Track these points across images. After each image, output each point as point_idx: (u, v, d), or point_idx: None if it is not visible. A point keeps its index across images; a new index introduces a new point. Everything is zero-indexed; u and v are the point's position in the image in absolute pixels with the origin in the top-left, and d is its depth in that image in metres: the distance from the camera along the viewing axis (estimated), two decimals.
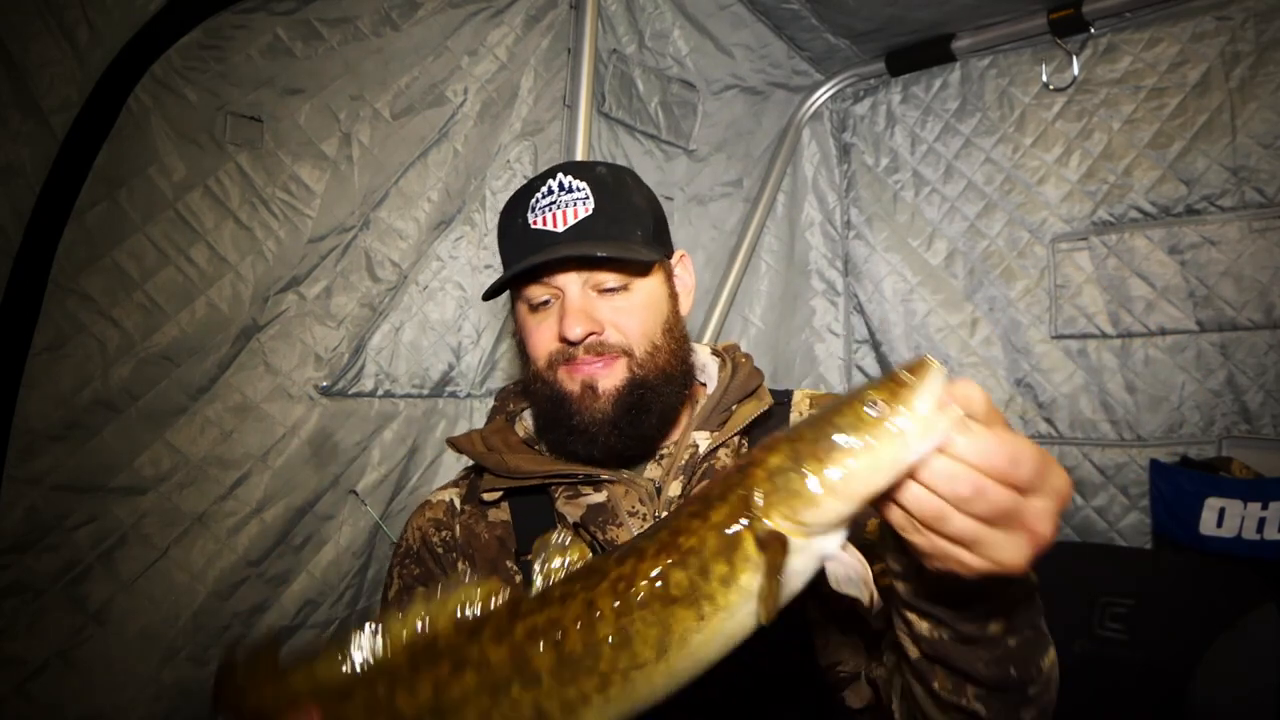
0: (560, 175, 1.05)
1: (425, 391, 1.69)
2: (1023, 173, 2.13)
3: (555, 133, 1.86)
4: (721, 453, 1.08)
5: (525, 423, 1.17)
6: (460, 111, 1.67)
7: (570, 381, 1.03)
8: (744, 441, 1.11)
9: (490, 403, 1.80)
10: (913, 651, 0.78)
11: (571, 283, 1.02)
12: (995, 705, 0.77)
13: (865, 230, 2.46)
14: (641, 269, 1.05)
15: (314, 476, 1.52)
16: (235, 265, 1.39)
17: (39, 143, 1.15)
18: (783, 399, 1.16)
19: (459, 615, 0.61)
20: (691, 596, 0.58)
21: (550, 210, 1.03)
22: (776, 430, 1.11)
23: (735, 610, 0.59)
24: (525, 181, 1.11)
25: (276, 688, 0.63)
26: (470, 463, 1.17)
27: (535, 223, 1.03)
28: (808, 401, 1.17)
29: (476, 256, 1.75)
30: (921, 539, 0.62)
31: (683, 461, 1.06)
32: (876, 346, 2.48)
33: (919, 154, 2.33)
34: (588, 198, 1.03)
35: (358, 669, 0.61)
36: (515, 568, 1.05)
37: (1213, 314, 1.86)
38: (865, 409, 0.58)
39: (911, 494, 0.60)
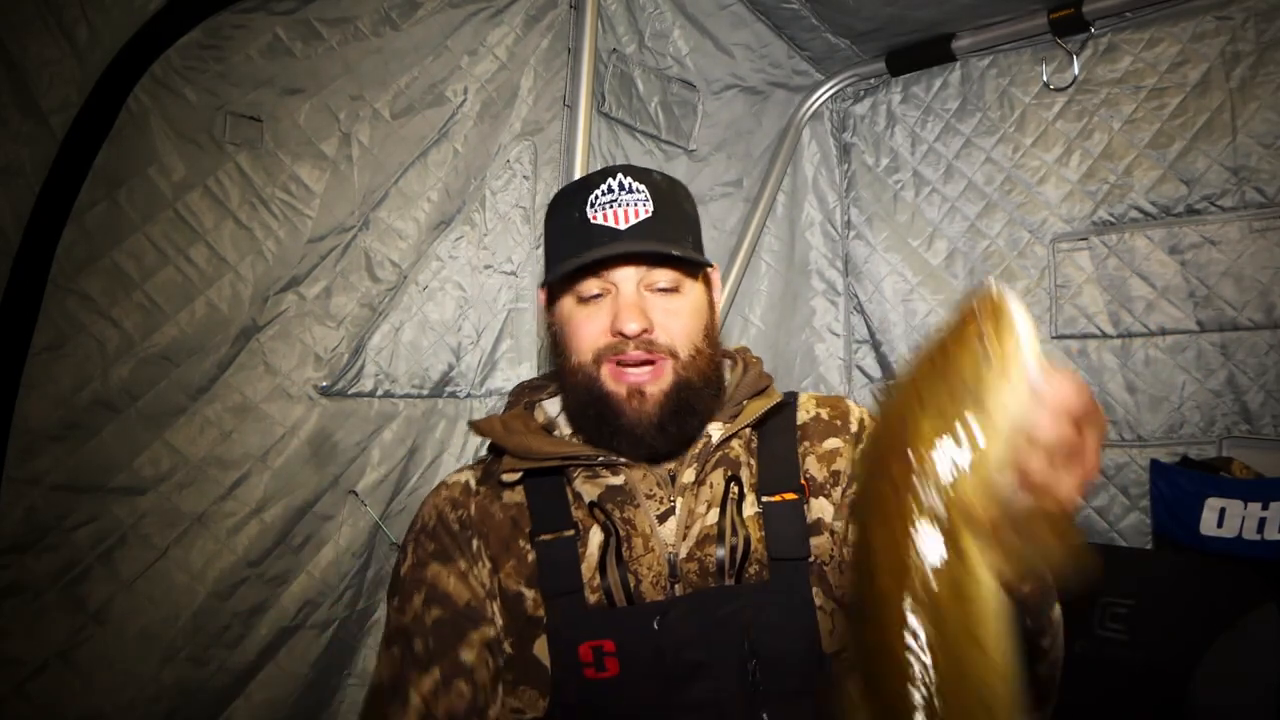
0: (620, 175, 1.09)
1: (425, 392, 1.69)
2: (1023, 173, 2.13)
3: (555, 133, 1.85)
4: (734, 443, 1.12)
5: (545, 410, 1.20)
6: (460, 111, 1.67)
7: (616, 384, 1.05)
8: (754, 435, 1.15)
9: (490, 403, 1.81)
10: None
11: (628, 279, 1.05)
12: None
13: (865, 230, 2.46)
14: (692, 274, 1.09)
15: (314, 476, 1.51)
16: (235, 265, 1.39)
17: (38, 143, 1.15)
18: (790, 399, 1.19)
19: None
20: (973, 626, 0.56)
21: (612, 207, 1.06)
22: (785, 424, 1.15)
23: (997, 594, 0.57)
24: (581, 177, 1.14)
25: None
26: (483, 455, 1.19)
27: (595, 218, 1.06)
28: (814, 401, 1.21)
29: (476, 256, 1.75)
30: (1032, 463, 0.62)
31: (697, 450, 1.10)
32: (876, 346, 2.48)
33: (919, 154, 2.33)
34: (648, 200, 1.07)
35: None
36: (528, 546, 1.07)
37: (1213, 314, 1.86)
38: (980, 355, 0.56)
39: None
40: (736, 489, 1.08)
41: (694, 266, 1.10)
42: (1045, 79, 2.07)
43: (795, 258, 2.51)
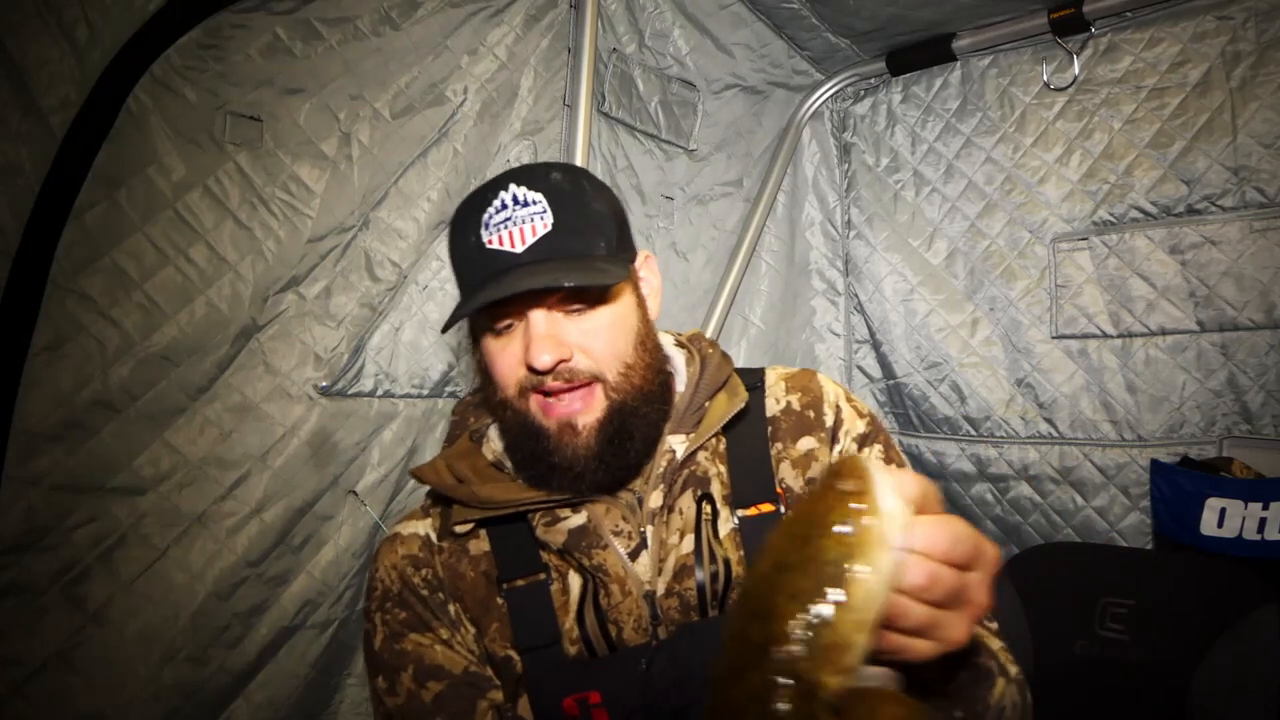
0: (512, 186, 0.97)
1: (425, 391, 1.69)
2: (1023, 172, 2.13)
3: (555, 132, 1.85)
4: (700, 456, 1.04)
5: (493, 444, 1.09)
6: (460, 111, 1.67)
7: (545, 418, 0.97)
8: (720, 440, 1.06)
9: None
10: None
11: (536, 308, 0.95)
12: None
13: (865, 230, 2.46)
14: (607, 285, 0.98)
15: (313, 476, 1.51)
16: (235, 265, 1.39)
17: (38, 143, 1.15)
18: (755, 381, 1.11)
19: None
20: None
21: (506, 227, 0.95)
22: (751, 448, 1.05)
23: None
24: (474, 191, 1.02)
25: None
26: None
27: (490, 241, 0.95)
28: (783, 385, 1.11)
29: None
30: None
31: (661, 469, 1.02)
32: (877, 346, 2.48)
33: (919, 154, 2.33)
34: (545, 211, 0.95)
35: None
36: (502, 600, 1.01)
37: (1213, 314, 1.86)
38: (842, 534, 0.56)
39: None
40: (709, 508, 1.01)
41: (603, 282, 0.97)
42: (1045, 79, 2.07)
43: (795, 258, 2.51)
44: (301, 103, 1.44)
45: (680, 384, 1.10)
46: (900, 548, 0.57)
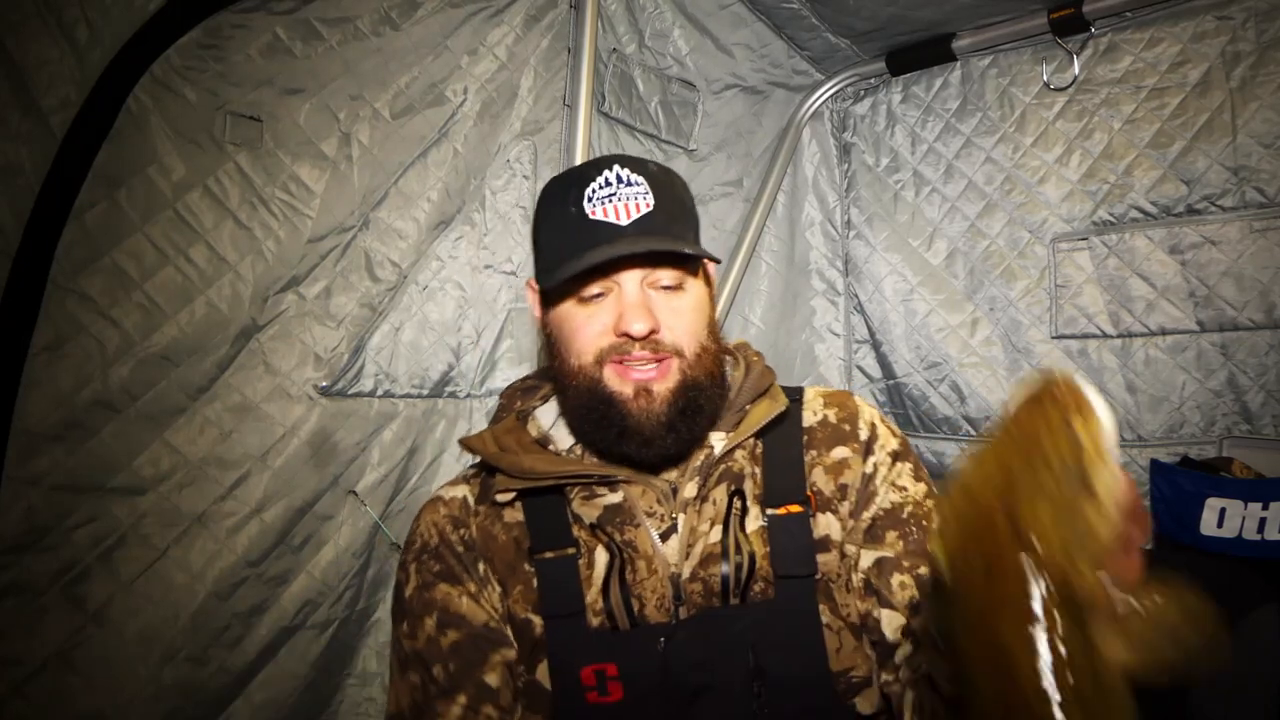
0: (616, 167, 1.03)
1: (425, 392, 1.69)
2: (1023, 172, 2.13)
3: (555, 132, 1.85)
4: (738, 454, 1.07)
5: (537, 422, 1.15)
6: (460, 111, 1.67)
7: (621, 383, 1.00)
8: (758, 443, 1.10)
9: (490, 403, 1.81)
10: (946, 689, 0.77)
11: (631, 278, 1.00)
12: None
13: (865, 230, 2.46)
14: (693, 269, 1.05)
15: (313, 476, 1.51)
16: (235, 265, 1.39)
17: (38, 142, 1.15)
18: (795, 396, 1.15)
19: None
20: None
21: (611, 202, 1.00)
22: (815, 438, 1.10)
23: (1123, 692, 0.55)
24: (573, 168, 1.09)
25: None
26: (476, 460, 1.15)
27: (594, 213, 1.00)
28: (820, 400, 1.15)
29: (476, 256, 1.75)
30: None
31: (699, 462, 1.06)
32: (876, 346, 2.48)
33: (919, 154, 2.33)
34: (648, 193, 1.01)
35: None
36: (531, 568, 1.04)
37: (1213, 314, 1.86)
38: (1074, 440, 0.56)
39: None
40: (740, 503, 1.04)
41: (698, 262, 1.06)
42: (1045, 79, 2.07)
43: (795, 258, 2.51)
44: (301, 103, 1.44)
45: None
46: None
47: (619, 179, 1.02)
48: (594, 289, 1.02)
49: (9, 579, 1.18)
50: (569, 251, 1.01)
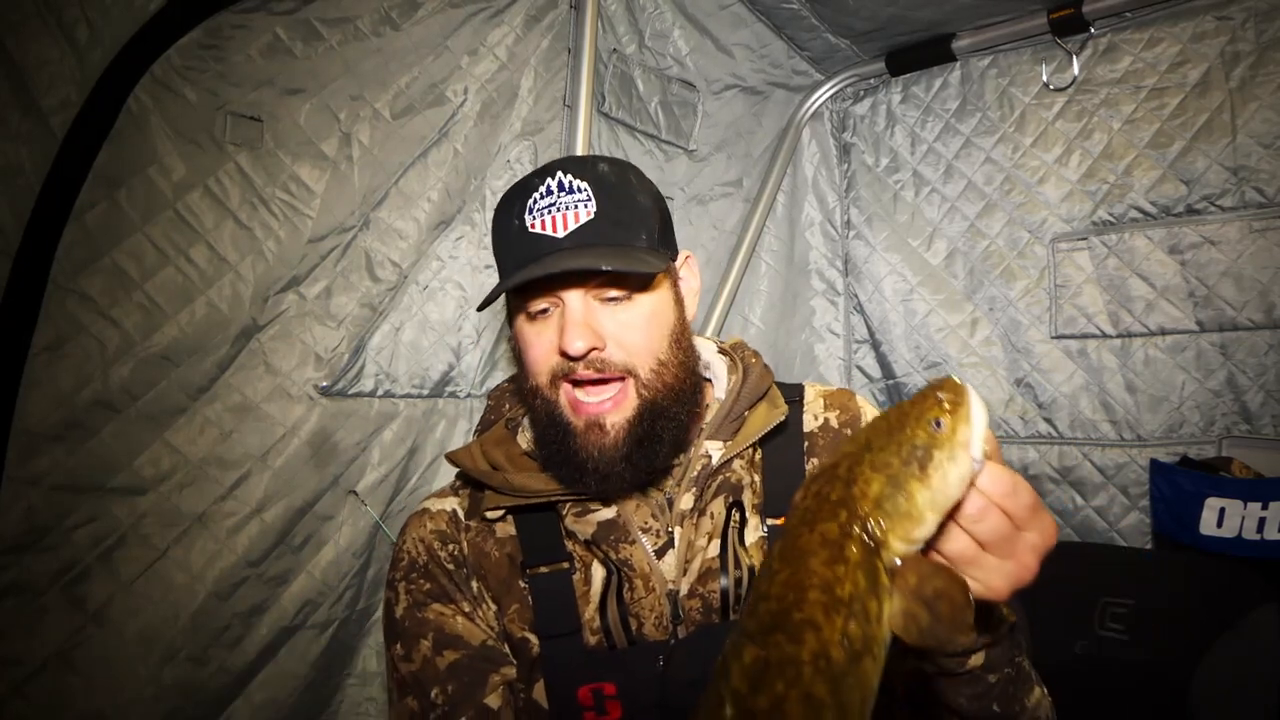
0: (559, 174, 0.98)
1: (425, 391, 1.69)
2: (1023, 173, 2.13)
3: (555, 133, 1.85)
4: (736, 464, 1.04)
5: (528, 432, 1.10)
6: (460, 111, 1.67)
7: (573, 415, 0.96)
8: (756, 450, 1.06)
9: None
10: (899, 688, 0.79)
11: (573, 293, 0.95)
12: None
13: (865, 230, 2.46)
14: (644, 280, 0.98)
15: (314, 476, 1.51)
16: (235, 265, 1.39)
17: (38, 143, 1.15)
18: (794, 396, 1.10)
19: None
20: (868, 645, 0.59)
21: (550, 213, 0.95)
22: (796, 444, 1.07)
23: (886, 643, 0.61)
24: (523, 177, 1.03)
25: None
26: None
27: (534, 225, 0.96)
28: (821, 401, 1.12)
29: (476, 256, 1.75)
30: None
31: (695, 473, 1.02)
32: (876, 346, 2.48)
33: (919, 154, 2.33)
34: (589, 199, 0.96)
35: None
36: (525, 585, 1.02)
37: (1213, 314, 1.86)
38: (933, 429, 0.62)
39: None
40: (738, 516, 1.01)
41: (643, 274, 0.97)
42: (1045, 79, 2.07)
43: (795, 258, 2.51)
44: (302, 103, 1.44)
45: (720, 391, 1.09)
46: (980, 464, 0.62)
47: (560, 186, 0.97)
48: (539, 304, 0.97)
49: (9, 579, 1.18)
50: (508, 266, 0.99)
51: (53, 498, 1.21)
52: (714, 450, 1.04)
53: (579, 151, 1.83)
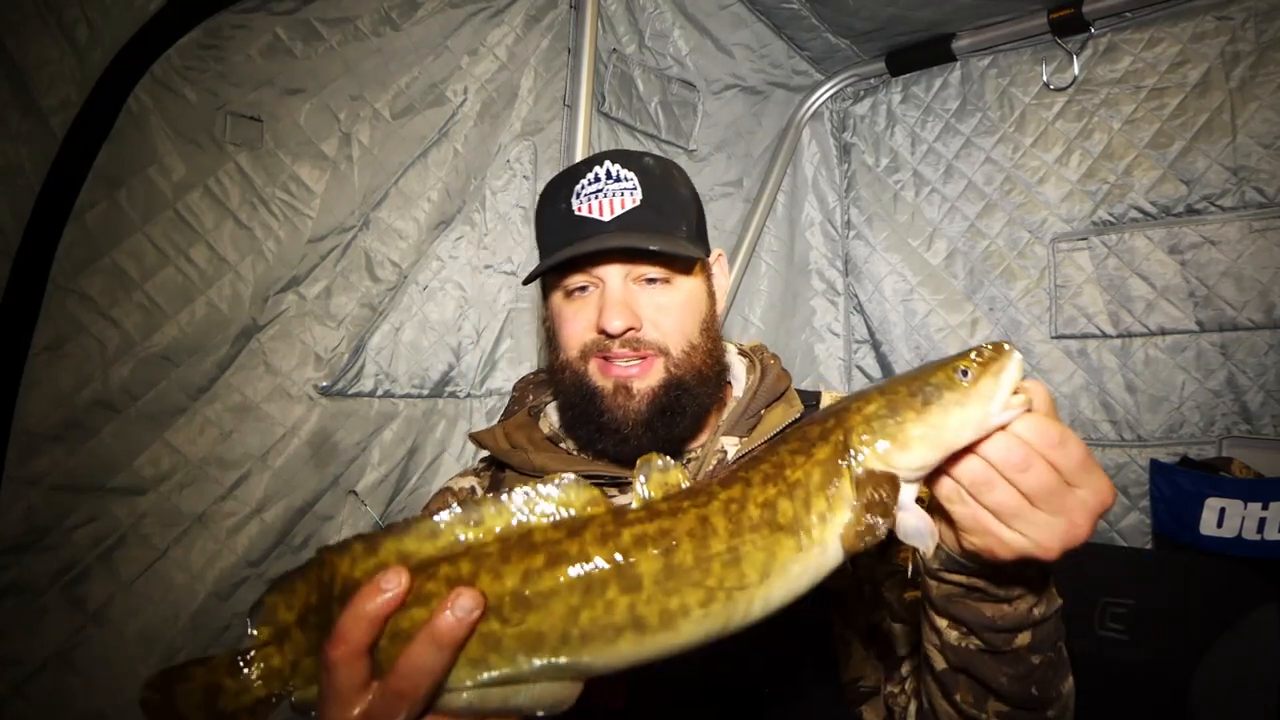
0: (607, 163, 1.03)
1: (425, 392, 1.69)
2: (1023, 173, 2.13)
3: (555, 132, 1.85)
4: None
5: (550, 418, 1.14)
6: (460, 111, 1.67)
7: (602, 378, 1.00)
8: None
9: (490, 403, 1.81)
10: (939, 663, 0.78)
11: (614, 273, 1.00)
12: None
13: (865, 230, 2.46)
14: (685, 265, 1.03)
15: (314, 476, 1.51)
16: (235, 265, 1.39)
17: (38, 143, 1.15)
18: (810, 401, 1.13)
19: (557, 515, 0.60)
20: (794, 527, 0.60)
21: (596, 198, 1.01)
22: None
23: (827, 546, 0.61)
24: (569, 166, 1.08)
25: (367, 562, 0.61)
26: (484, 454, 1.14)
27: (580, 209, 1.01)
28: None
29: (476, 256, 1.75)
30: (964, 509, 0.64)
31: (710, 466, 1.04)
32: (876, 346, 2.48)
33: (919, 154, 2.33)
34: (635, 188, 1.01)
35: (445, 547, 0.59)
36: None
37: (1213, 314, 1.86)
38: (956, 375, 0.63)
39: (966, 461, 0.63)
40: None
41: (689, 258, 1.03)
42: (1045, 79, 2.07)
43: (795, 258, 2.51)
44: (302, 103, 1.44)
45: (739, 389, 1.12)
46: (1003, 417, 0.62)
47: (608, 174, 1.02)
48: (578, 283, 1.01)
49: (9, 579, 1.18)
50: (553, 245, 1.03)
51: (53, 498, 1.21)
52: (730, 445, 1.06)
53: (579, 151, 1.83)
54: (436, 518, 0.59)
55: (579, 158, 1.83)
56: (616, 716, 0.95)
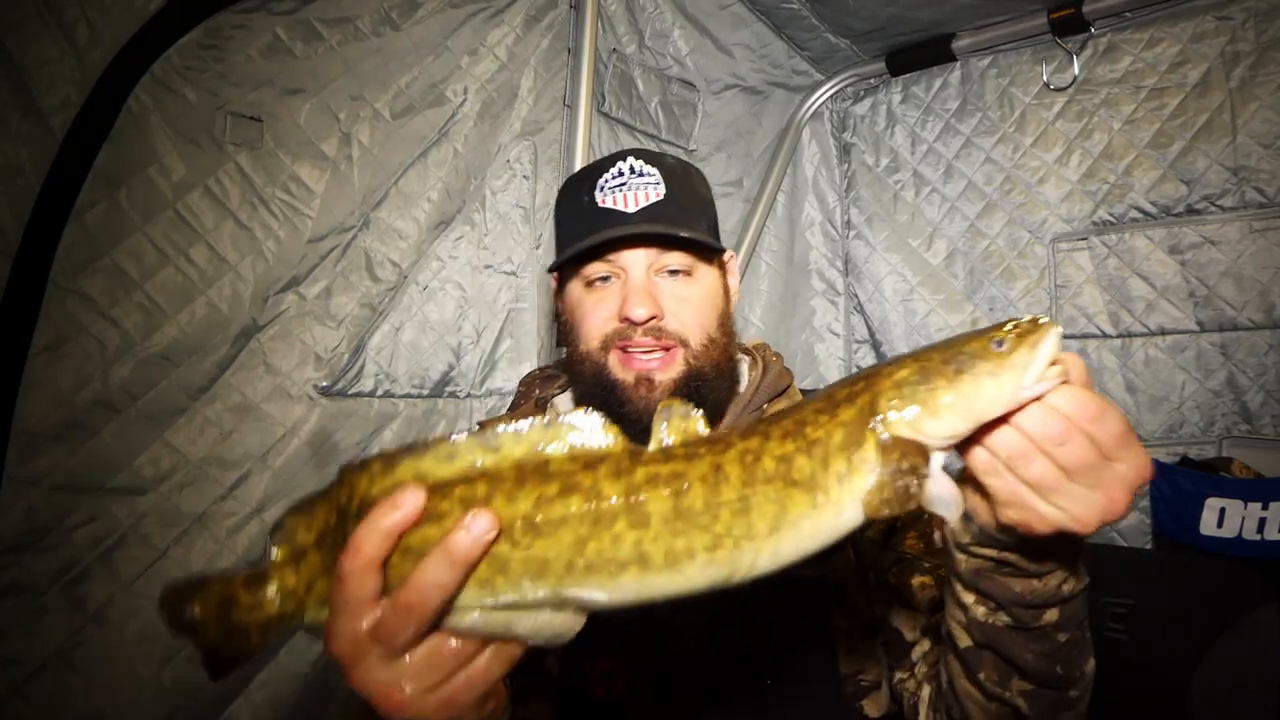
0: (630, 159, 1.05)
1: (425, 392, 1.69)
2: (1023, 173, 2.13)
3: (555, 132, 1.85)
4: None
5: (556, 409, 1.15)
6: (460, 111, 1.67)
7: (623, 370, 1.01)
8: None
9: (490, 403, 1.81)
10: (964, 640, 0.78)
11: (637, 263, 1.01)
12: (1037, 703, 0.77)
13: (865, 230, 2.46)
14: (706, 258, 1.05)
15: (314, 477, 1.51)
16: (235, 265, 1.39)
17: (38, 143, 1.15)
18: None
19: (575, 447, 0.61)
20: (810, 484, 0.60)
21: (621, 191, 1.02)
22: None
23: (843, 508, 0.60)
24: (590, 163, 1.10)
25: (384, 480, 0.62)
26: None
27: (604, 201, 1.03)
28: None
29: (476, 256, 1.75)
30: (1001, 482, 0.63)
31: None
32: (876, 346, 2.48)
33: (919, 154, 2.33)
34: (659, 183, 1.03)
35: (462, 469, 0.60)
36: None
37: (1213, 314, 1.86)
38: (992, 345, 0.62)
39: (1002, 433, 0.62)
40: None
41: (707, 250, 1.05)
42: (1045, 79, 2.07)
43: (795, 258, 2.51)
44: (302, 103, 1.44)
45: (742, 386, 1.13)
46: (1037, 389, 0.61)
47: (632, 170, 1.04)
48: (600, 273, 1.03)
49: (9, 579, 1.18)
50: (576, 236, 1.03)
51: (53, 498, 1.21)
52: None
53: (579, 151, 1.83)
54: (454, 438, 0.59)
55: (579, 158, 1.83)
56: (618, 708, 0.96)
